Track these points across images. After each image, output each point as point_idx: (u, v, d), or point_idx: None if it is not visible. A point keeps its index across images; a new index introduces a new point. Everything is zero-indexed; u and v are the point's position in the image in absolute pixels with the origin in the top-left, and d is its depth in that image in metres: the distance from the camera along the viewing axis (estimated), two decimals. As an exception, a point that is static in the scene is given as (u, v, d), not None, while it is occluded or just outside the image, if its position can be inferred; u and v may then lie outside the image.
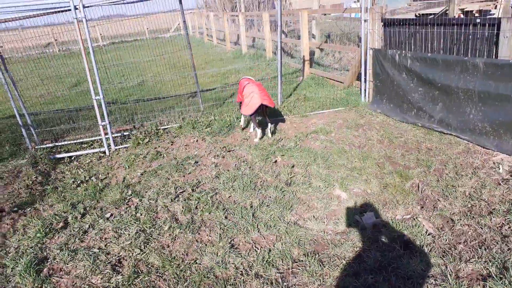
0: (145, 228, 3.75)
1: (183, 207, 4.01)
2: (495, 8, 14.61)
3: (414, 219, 3.55)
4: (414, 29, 6.98)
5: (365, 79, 7.04)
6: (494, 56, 5.67)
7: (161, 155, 5.59)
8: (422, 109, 5.67)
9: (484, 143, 4.78)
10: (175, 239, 3.55)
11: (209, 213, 3.87)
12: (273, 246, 3.31)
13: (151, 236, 3.62)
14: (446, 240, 3.22)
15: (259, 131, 5.83)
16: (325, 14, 13.29)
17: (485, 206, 3.60)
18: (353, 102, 7.27)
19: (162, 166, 5.19)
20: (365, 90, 7.13)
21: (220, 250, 3.31)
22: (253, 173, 4.73)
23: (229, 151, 5.51)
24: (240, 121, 6.53)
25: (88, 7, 5.54)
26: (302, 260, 3.12)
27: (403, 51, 5.86)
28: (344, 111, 6.92)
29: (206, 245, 3.42)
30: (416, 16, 13.71)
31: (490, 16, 14.07)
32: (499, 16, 9.01)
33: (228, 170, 4.86)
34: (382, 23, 7.39)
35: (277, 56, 7.55)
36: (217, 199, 4.17)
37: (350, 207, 3.83)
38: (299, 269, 3.03)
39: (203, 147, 5.78)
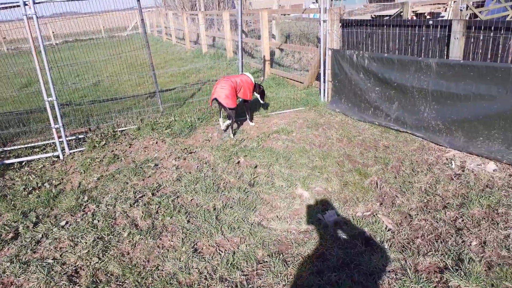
0: (103, 235, 3.60)
1: (143, 212, 3.89)
2: (445, 10, 15.37)
3: (374, 215, 3.64)
4: (371, 30, 7.19)
5: (324, 79, 7.16)
6: (446, 57, 5.94)
7: (118, 158, 5.41)
8: (379, 108, 5.84)
9: (437, 140, 4.99)
10: (135, 246, 3.43)
11: (171, 218, 3.78)
12: (237, 248, 3.28)
13: (109, 244, 3.48)
14: (404, 235, 3.32)
15: (220, 120, 6.24)
16: (284, 15, 13.41)
17: (440, 201, 3.76)
18: (313, 102, 7.37)
19: (120, 170, 5.02)
20: (324, 90, 7.26)
21: (183, 255, 3.24)
22: (216, 174, 4.68)
23: (190, 153, 5.42)
24: None
25: (39, 3, 5.25)
26: (266, 261, 3.11)
27: (361, 52, 6.01)
28: (304, 111, 7.00)
29: (168, 250, 3.33)
30: (372, 17, 14.16)
31: (442, 18, 14.77)
32: (450, 18, 9.48)
33: (190, 172, 4.78)
34: (340, 24, 7.55)
35: (238, 56, 7.52)
36: (178, 202, 4.08)
37: (312, 206, 3.88)
38: (263, 270, 3.02)
39: (163, 149, 5.65)
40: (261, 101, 6.66)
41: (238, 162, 5.03)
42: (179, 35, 20.38)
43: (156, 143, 5.92)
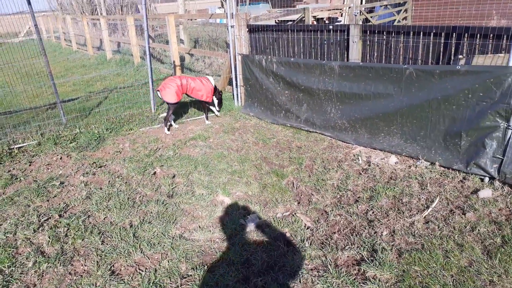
0: (3, 268, 3.18)
1: (49, 237, 3.52)
2: (341, 16, 16.56)
3: (293, 215, 3.75)
4: (277, 35, 7.44)
5: (236, 84, 7.22)
6: (346, 59, 6.37)
7: (17, 178, 4.85)
8: (290, 111, 6.06)
9: (344, 138, 5.33)
10: (42, 276, 3.09)
11: (82, 240, 3.47)
12: (159, 265, 3.13)
13: (11, 277, 3.08)
14: (322, 231, 3.47)
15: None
16: (191, 20, 13.29)
17: (351, 195, 4.00)
18: (227, 107, 7.40)
19: (19, 191, 4.50)
20: (237, 94, 7.32)
21: (99, 279, 2.99)
22: (131, 188, 4.43)
23: (100, 167, 5.07)
24: None
25: None
26: (191, 275, 3.02)
27: (269, 57, 6.17)
28: (219, 116, 6.99)
29: (82, 276, 3.05)
30: (275, 22, 14.69)
31: (341, 23, 15.87)
32: (347, 23, 10.21)
33: (101, 188, 4.46)
34: (247, 29, 7.69)
35: (146, 62, 7.25)
36: (90, 222, 3.78)
37: (235, 211, 3.86)
38: (188, 285, 2.92)
39: (69, 164, 5.20)
40: (216, 109, 6.87)
41: (154, 173, 4.83)
42: (80, 41, 19.06)
43: (61, 158, 5.44)
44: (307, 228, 3.53)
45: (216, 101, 6.73)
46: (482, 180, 3.99)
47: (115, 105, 7.89)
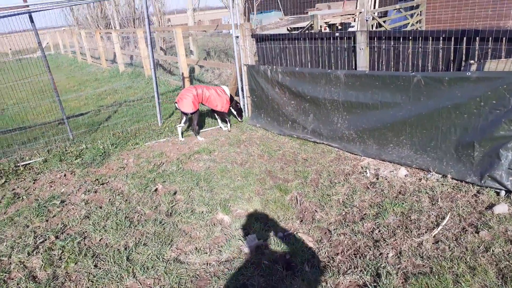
0: (-6, 294, 3.11)
1: (43, 261, 3.43)
2: (354, 21, 16.33)
3: (294, 234, 3.56)
4: (283, 44, 7.30)
5: (243, 94, 7.10)
6: (354, 66, 6.17)
7: (19, 197, 4.82)
8: (296, 121, 5.89)
9: (352, 150, 5.12)
10: (33, 303, 2.99)
11: (75, 264, 3.37)
12: (151, 290, 3.00)
13: (1, 304, 3.00)
14: (325, 252, 3.27)
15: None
16: (204, 31, 13.31)
17: (357, 212, 3.79)
18: (234, 119, 7.27)
19: (20, 211, 4.46)
20: (244, 105, 7.20)
21: (89, 307, 2.88)
22: (130, 207, 4.33)
23: (102, 184, 5.00)
24: None
25: None
26: (183, 302, 2.87)
27: (274, 67, 6.03)
28: (230, 131, 6.87)
29: (71, 303, 2.94)
30: (288, 30, 14.57)
31: (348, 30, 15.65)
32: (354, 30, 10.00)
33: (101, 207, 4.38)
34: (254, 39, 7.57)
35: (152, 75, 7.20)
36: (85, 244, 3.68)
37: (234, 231, 3.70)
38: (180, 313, 2.77)
39: (72, 182, 5.15)
40: (239, 119, 7.03)
41: (156, 189, 4.73)
42: (94, 55, 19.38)
43: (65, 175, 5.40)
44: (309, 249, 3.34)
45: (234, 112, 6.89)
46: (498, 193, 3.72)
47: (123, 118, 7.89)
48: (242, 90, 7.09)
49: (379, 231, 3.43)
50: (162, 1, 18.66)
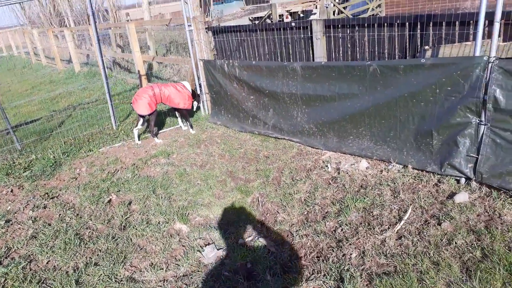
0: None
1: (-19, 294, 3.13)
2: (316, 8, 16.22)
3: (256, 240, 3.40)
4: (241, 36, 7.06)
5: (201, 91, 6.84)
6: (312, 58, 6.03)
7: (-41, 220, 4.42)
8: (257, 117, 5.71)
9: (313, 144, 5.00)
10: None
11: (18, 293, 3.09)
12: (101, 317, 2.77)
13: None
14: (287, 257, 3.13)
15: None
16: (166, 25, 12.82)
17: (319, 211, 3.67)
18: (194, 117, 7.02)
19: (-41, 236, 4.07)
20: (203, 102, 6.94)
21: None
22: (81, 222, 4.04)
23: (52, 198, 4.66)
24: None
25: None
26: (136, 327, 2.65)
27: (231, 61, 5.80)
28: (186, 128, 6.61)
29: None
30: (250, 20, 14.29)
31: (310, 18, 15.55)
32: (312, 19, 9.86)
33: (50, 225, 4.06)
34: (210, 32, 7.30)
35: (102, 75, 6.82)
36: (31, 269, 3.38)
37: (192, 242, 3.50)
38: None
39: (19, 198, 4.78)
40: (199, 104, 6.70)
41: (109, 200, 4.44)
42: (49, 55, 18.44)
43: (11, 191, 5.01)
44: (271, 255, 3.18)
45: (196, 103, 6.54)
46: (458, 181, 3.69)
47: (77, 123, 7.46)
48: (200, 87, 6.83)
49: (342, 229, 3.32)
50: (117, -5, 17.91)
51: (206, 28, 6.64)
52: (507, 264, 2.61)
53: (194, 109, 6.61)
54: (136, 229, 3.78)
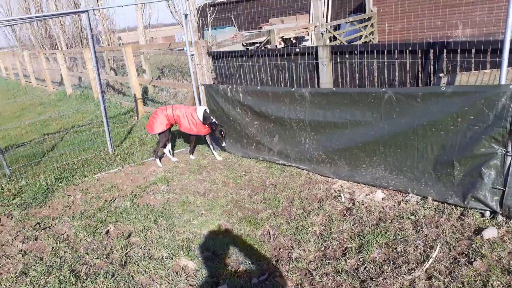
0: None
1: None
2: (308, 34, 16.39)
3: (271, 279, 3.12)
4: (241, 62, 6.95)
5: (201, 115, 6.64)
6: (317, 82, 5.91)
7: None
8: (261, 143, 5.50)
9: (322, 171, 4.79)
10: None
11: None
12: None
13: None
14: (307, 299, 2.86)
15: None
16: (159, 49, 12.75)
17: (337, 246, 3.42)
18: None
19: None
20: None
21: None
22: (77, 256, 3.71)
23: (44, 229, 4.32)
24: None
25: None
26: None
27: (234, 86, 5.64)
28: (186, 153, 6.36)
29: None
30: (243, 45, 14.31)
31: (303, 44, 15.67)
32: (315, 45, 9.87)
33: (42, 259, 3.72)
34: (210, 57, 7.18)
35: (99, 98, 6.59)
36: (21, 312, 3.04)
37: (201, 281, 3.21)
38: None
39: (8, 228, 4.43)
40: (222, 144, 5.81)
41: (107, 231, 4.13)
42: (40, 77, 18.16)
43: (-1, 220, 4.66)
44: (289, 297, 2.91)
45: (219, 135, 5.73)
46: (482, 215, 3.49)
47: (70, 147, 7.15)
48: (201, 111, 6.62)
49: (365, 268, 3.07)
50: (111, 19, 17.92)
51: (207, 53, 6.51)
52: (554, 311, 2.39)
53: (223, 144, 5.80)
54: (137, 265, 3.47)
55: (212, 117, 5.73)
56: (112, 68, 14.35)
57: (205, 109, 5.81)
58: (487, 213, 3.46)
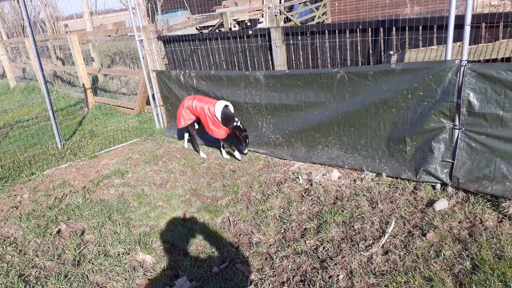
0: None
1: None
2: (262, 16, 16.23)
3: (232, 266, 3.08)
4: (195, 45, 6.75)
5: (155, 103, 6.42)
6: (271, 65, 5.84)
7: None
8: (218, 129, 5.39)
9: (280, 154, 4.77)
10: None
11: None
12: None
13: None
14: (269, 284, 2.84)
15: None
16: (108, 36, 12.13)
17: (297, 228, 3.43)
18: (148, 130, 6.57)
19: None
20: (157, 115, 6.52)
21: None
22: (26, 259, 3.48)
23: (-12, 233, 4.04)
24: None
25: None
26: None
27: (187, 71, 5.46)
28: (139, 143, 6.15)
29: None
30: (197, 29, 13.94)
31: (258, 27, 15.52)
32: (267, 27, 9.76)
33: (-14, 266, 3.47)
34: (161, 42, 6.91)
35: (43, 91, 6.19)
36: (-36, 324, 2.83)
37: (159, 274, 3.11)
38: None
39: None
40: (243, 152, 4.86)
41: (59, 231, 3.91)
42: (-23, 70, 16.89)
43: None
44: (250, 283, 2.88)
45: (243, 143, 4.76)
46: (433, 187, 3.61)
47: (16, 143, 6.71)
48: (154, 99, 6.40)
49: (324, 247, 3.09)
50: (54, 5, 16.86)
51: (157, 38, 6.25)
52: (500, 275, 2.51)
53: (245, 152, 4.82)
54: (92, 263, 3.31)
55: (236, 119, 4.72)
56: (59, 58, 13.56)
57: (226, 105, 4.79)
58: (438, 186, 3.58)
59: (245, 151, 4.82)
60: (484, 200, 3.29)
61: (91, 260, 3.35)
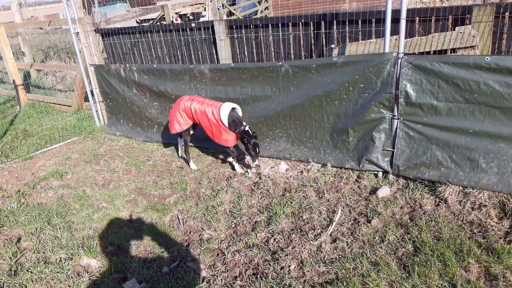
0: None
1: None
2: (205, 10, 16.01)
3: (183, 265, 3.02)
4: (135, 38, 6.51)
5: (93, 99, 6.11)
6: (216, 58, 5.78)
7: None
8: (163, 125, 5.25)
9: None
10: None
11: None
12: None
13: None
14: (221, 280, 2.82)
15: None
16: (40, 28, 11.30)
17: (247, 221, 3.43)
18: (88, 128, 6.24)
19: None
20: (97, 111, 6.20)
21: None
22: (-48, 273, 3.18)
23: None
24: None
25: None
26: None
27: (128, 65, 5.24)
28: (79, 142, 5.82)
29: None
30: (137, 22, 13.45)
31: (200, 20, 15.30)
32: (211, 19, 9.65)
33: None
34: (99, 35, 6.59)
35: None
36: None
37: (107, 278, 2.97)
38: None
39: None
40: (253, 163, 4.20)
41: (-9, 240, 3.61)
42: None
43: None
44: (203, 281, 2.84)
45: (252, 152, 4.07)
46: (376, 176, 3.78)
47: None
48: (93, 94, 6.09)
49: (274, 239, 3.12)
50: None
51: (94, 30, 5.94)
52: (439, 255, 2.68)
53: (256, 163, 4.17)
54: (31, 272, 3.08)
55: (244, 122, 4.08)
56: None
57: (233, 107, 4.13)
58: (380, 174, 3.75)
59: (256, 162, 4.14)
60: (422, 186, 3.50)
61: (30, 269, 3.12)
